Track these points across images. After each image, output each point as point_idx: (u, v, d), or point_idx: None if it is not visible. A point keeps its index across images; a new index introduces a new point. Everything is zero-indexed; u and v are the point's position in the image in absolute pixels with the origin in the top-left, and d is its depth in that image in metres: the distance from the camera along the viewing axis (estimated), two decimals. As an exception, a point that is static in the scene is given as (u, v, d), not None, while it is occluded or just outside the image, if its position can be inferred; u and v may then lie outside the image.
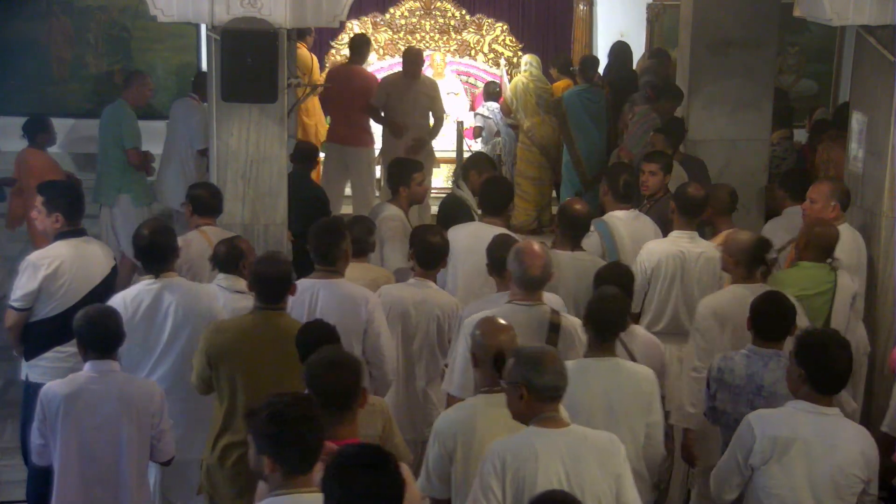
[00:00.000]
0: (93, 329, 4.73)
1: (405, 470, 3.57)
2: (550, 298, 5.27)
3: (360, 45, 10.22)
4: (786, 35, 10.22)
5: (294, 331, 4.89)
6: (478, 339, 4.32)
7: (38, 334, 5.83)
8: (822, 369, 4.24)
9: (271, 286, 5.03)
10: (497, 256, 5.39)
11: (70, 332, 5.58)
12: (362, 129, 9.97)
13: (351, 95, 9.76)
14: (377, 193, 10.18)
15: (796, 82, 11.76)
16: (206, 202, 6.35)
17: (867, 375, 6.59)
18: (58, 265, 5.73)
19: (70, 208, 5.86)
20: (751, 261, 5.63)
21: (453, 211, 7.10)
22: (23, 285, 5.73)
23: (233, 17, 6.09)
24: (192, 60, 10.70)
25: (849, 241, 6.44)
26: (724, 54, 8.20)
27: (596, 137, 10.04)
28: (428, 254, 5.72)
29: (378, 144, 10.16)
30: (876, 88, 6.61)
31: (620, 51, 10.95)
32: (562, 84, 10.76)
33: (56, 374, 5.64)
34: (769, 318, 4.92)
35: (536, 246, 5.07)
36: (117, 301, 5.32)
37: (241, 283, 5.64)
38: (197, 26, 9.15)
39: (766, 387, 4.82)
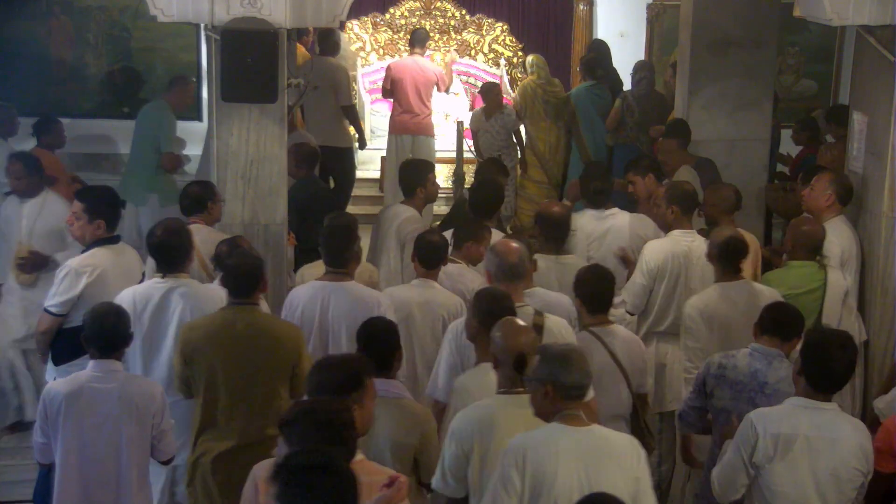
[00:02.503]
0: (99, 328, 4.73)
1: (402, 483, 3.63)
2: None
3: (421, 36, 10.83)
4: (786, 35, 10.21)
5: (266, 324, 5.00)
6: (498, 341, 4.31)
7: (71, 341, 5.62)
8: (819, 368, 4.26)
9: (241, 280, 5.06)
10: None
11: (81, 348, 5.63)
12: (427, 118, 10.48)
13: (416, 85, 10.30)
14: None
15: (796, 82, 11.76)
16: (181, 201, 6.33)
17: (864, 371, 6.61)
18: (100, 272, 5.68)
19: (113, 215, 5.86)
20: (725, 258, 5.69)
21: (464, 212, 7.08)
22: (63, 291, 5.66)
23: (233, 17, 6.08)
24: (192, 60, 10.69)
25: (844, 234, 6.49)
26: (724, 54, 8.20)
27: (601, 133, 10.08)
28: (429, 253, 5.71)
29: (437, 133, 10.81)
30: (876, 88, 6.61)
31: (604, 48, 10.94)
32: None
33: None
34: (776, 322, 4.92)
35: (514, 242, 5.17)
36: (126, 296, 5.32)
37: None
38: (197, 26, 9.14)
39: (769, 384, 4.83)
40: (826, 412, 4.27)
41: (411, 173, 7.08)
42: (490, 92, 10.57)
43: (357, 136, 10.29)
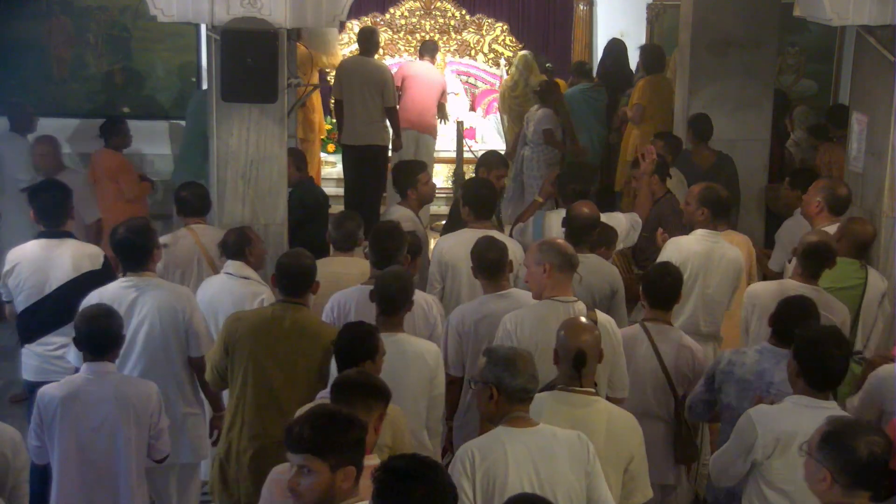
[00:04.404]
0: (90, 330, 4.71)
1: None
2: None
3: (431, 47, 11.08)
4: (786, 35, 10.21)
5: (312, 325, 4.98)
6: (561, 339, 4.32)
7: (21, 325, 5.99)
8: (815, 366, 4.26)
9: (294, 279, 5.06)
10: (485, 258, 5.43)
11: (30, 332, 5.85)
12: (432, 118, 10.66)
13: (427, 83, 10.53)
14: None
15: (796, 82, 11.74)
16: (189, 203, 6.40)
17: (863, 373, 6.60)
18: (15, 264, 5.86)
19: (39, 209, 5.90)
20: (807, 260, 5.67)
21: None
22: None
23: (233, 17, 6.09)
24: (192, 60, 10.68)
25: None
26: (724, 54, 8.21)
27: (596, 134, 10.08)
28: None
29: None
30: (876, 88, 6.62)
31: (615, 48, 10.95)
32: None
33: (28, 370, 5.94)
34: (790, 321, 4.84)
35: (561, 241, 5.23)
36: (93, 298, 5.26)
37: (248, 270, 5.74)
38: (197, 26, 9.15)
39: (776, 384, 4.79)
40: (827, 411, 4.25)
41: (401, 176, 7.05)
42: (556, 90, 9.90)
43: (393, 136, 10.20)
